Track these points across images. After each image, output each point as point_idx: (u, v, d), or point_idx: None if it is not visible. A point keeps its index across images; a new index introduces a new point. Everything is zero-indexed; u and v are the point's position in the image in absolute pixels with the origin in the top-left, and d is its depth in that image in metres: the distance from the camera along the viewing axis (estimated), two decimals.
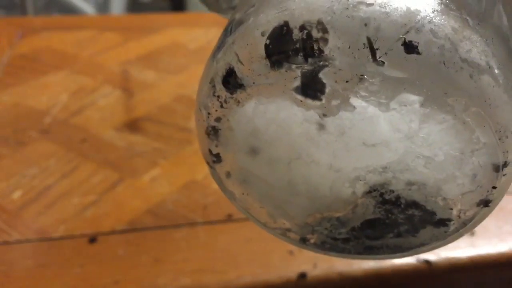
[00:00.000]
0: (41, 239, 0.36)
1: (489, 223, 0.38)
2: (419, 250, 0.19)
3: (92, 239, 0.36)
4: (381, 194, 0.17)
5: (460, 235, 0.18)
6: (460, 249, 0.36)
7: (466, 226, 0.17)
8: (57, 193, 0.40)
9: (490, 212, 0.18)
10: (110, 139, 0.47)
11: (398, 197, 0.17)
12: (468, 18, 0.14)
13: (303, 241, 0.20)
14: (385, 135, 0.16)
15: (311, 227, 0.19)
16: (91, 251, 0.35)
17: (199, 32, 0.69)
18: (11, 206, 0.39)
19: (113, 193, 0.40)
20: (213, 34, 0.68)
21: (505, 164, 0.15)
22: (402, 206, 0.17)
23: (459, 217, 0.17)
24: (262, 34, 0.15)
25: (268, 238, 0.37)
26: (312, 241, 0.20)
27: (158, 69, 0.60)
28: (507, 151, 0.15)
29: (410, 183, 0.17)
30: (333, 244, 0.19)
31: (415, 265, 0.35)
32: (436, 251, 0.35)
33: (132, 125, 0.49)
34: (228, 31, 0.17)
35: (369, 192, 0.17)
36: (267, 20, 0.14)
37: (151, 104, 0.53)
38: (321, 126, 0.16)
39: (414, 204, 0.17)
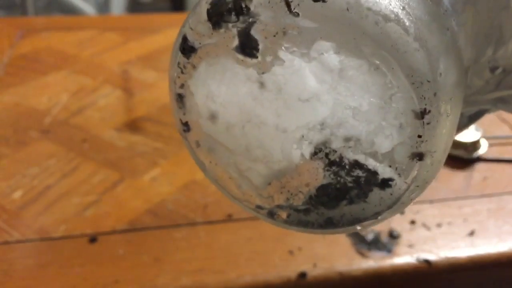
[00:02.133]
0: (42, 238, 0.36)
1: (489, 223, 0.38)
2: (376, 221, 0.20)
3: (93, 239, 0.36)
4: (326, 155, 0.19)
5: (409, 199, 0.19)
6: (459, 249, 0.36)
7: (410, 186, 0.18)
8: (57, 193, 0.40)
9: (432, 168, 0.18)
10: (110, 139, 0.47)
11: (341, 157, 0.19)
12: None
13: (271, 215, 0.21)
14: (314, 87, 0.17)
15: (272, 198, 0.21)
16: (91, 251, 0.35)
17: None
18: (12, 206, 0.39)
19: (113, 193, 0.41)
20: None
21: (425, 111, 0.16)
22: (347, 166, 0.19)
23: (399, 175, 0.18)
24: (206, 2, 0.17)
25: (268, 238, 0.37)
26: (277, 214, 0.21)
27: (158, 69, 0.60)
28: (424, 97, 0.16)
29: (347, 139, 0.18)
30: (297, 217, 0.21)
31: (414, 265, 0.35)
32: (436, 251, 0.35)
33: (132, 125, 0.49)
34: None
35: (315, 153, 0.19)
36: None
37: (151, 104, 0.53)
38: (262, 84, 0.18)
39: (357, 164, 0.18)
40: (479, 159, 0.45)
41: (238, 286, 0.33)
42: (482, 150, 0.45)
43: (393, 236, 0.36)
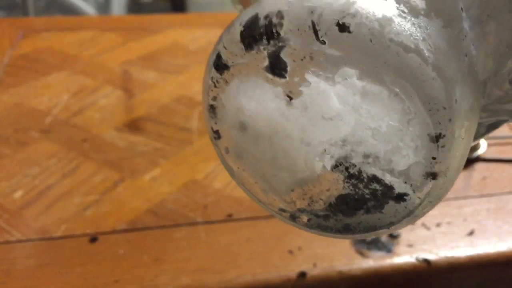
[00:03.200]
0: (42, 238, 0.36)
1: (488, 222, 0.38)
2: (390, 230, 0.21)
3: (93, 239, 0.36)
4: (346, 168, 0.20)
5: (422, 212, 0.20)
6: (459, 249, 0.36)
7: (423, 201, 0.19)
8: (58, 193, 0.40)
9: (445, 187, 0.19)
10: (111, 139, 0.47)
11: (360, 172, 0.20)
12: (405, 10, 0.17)
13: (293, 218, 0.23)
14: (338, 108, 0.18)
15: (295, 203, 0.22)
16: (91, 251, 0.35)
17: (199, 32, 0.70)
18: (13, 205, 0.39)
19: (114, 193, 0.41)
20: (214, 34, 0.68)
21: (440, 136, 0.17)
22: (365, 180, 0.20)
23: (414, 191, 0.19)
24: (240, 24, 0.18)
25: (268, 238, 0.37)
26: (299, 218, 0.23)
27: (159, 70, 0.60)
28: (440, 123, 0.17)
29: (366, 156, 0.19)
30: (317, 221, 0.22)
31: (414, 264, 0.35)
32: (435, 250, 0.35)
33: (133, 125, 0.49)
34: None
35: (336, 166, 0.20)
36: (246, 13, 0.18)
37: (152, 104, 0.53)
38: (288, 102, 0.19)
39: (375, 179, 0.19)
40: (479, 159, 0.45)
41: (238, 285, 0.33)
42: (482, 150, 0.45)
43: (393, 235, 0.37)
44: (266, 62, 0.19)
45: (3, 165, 0.43)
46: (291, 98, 0.19)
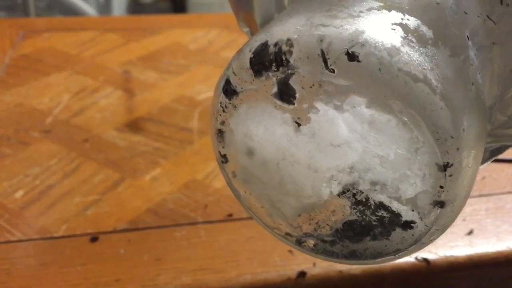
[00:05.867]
0: (43, 238, 0.36)
1: (487, 222, 0.38)
2: (396, 257, 0.21)
3: (94, 238, 0.36)
4: (354, 195, 0.20)
5: (429, 240, 0.20)
6: (458, 248, 0.36)
7: (430, 229, 0.19)
8: (59, 192, 0.40)
9: (452, 215, 0.19)
10: (112, 139, 0.47)
11: (367, 198, 0.20)
12: (413, 40, 0.17)
13: (299, 243, 0.23)
14: (346, 135, 0.18)
15: (301, 228, 0.22)
16: (92, 250, 0.35)
17: (199, 33, 0.70)
18: (14, 205, 0.39)
19: (114, 192, 0.41)
20: (214, 35, 0.68)
21: (448, 165, 0.17)
22: (372, 207, 0.20)
23: (421, 219, 0.19)
24: (249, 50, 0.19)
25: (268, 237, 0.37)
26: (305, 243, 0.22)
27: (159, 70, 0.60)
28: (448, 152, 0.17)
29: (373, 183, 0.19)
30: (323, 246, 0.22)
31: (413, 264, 0.35)
32: (435, 250, 0.36)
33: (133, 125, 0.49)
34: None
35: (343, 192, 0.20)
36: (255, 40, 0.19)
37: (152, 105, 0.53)
38: (297, 128, 0.19)
39: (382, 205, 0.19)
40: None
41: (238, 285, 0.33)
42: None
43: None
44: (275, 89, 0.19)
45: (4, 165, 0.43)
46: (299, 125, 0.19)
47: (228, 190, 0.42)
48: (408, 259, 0.35)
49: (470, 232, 0.37)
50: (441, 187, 0.18)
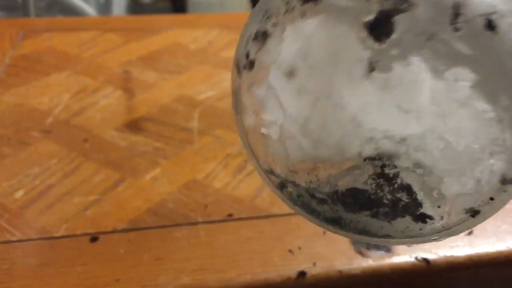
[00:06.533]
0: (43, 238, 0.36)
1: (487, 222, 0.38)
2: (383, 241, 0.19)
3: (94, 238, 0.36)
4: (383, 166, 0.17)
5: (431, 240, 0.18)
6: (458, 248, 0.36)
7: (441, 232, 0.18)
8: (59, 192, 0.40)
9: (471, 226, 0.18)
10: (112, 139, 0.47)
11: (396, 175, 0.17)
12: None
13: (280, 187, 0.20)
14: (423, 104, 0.15)
15: (296, 174, 0.19)
16: (92, 250, 0.35)
17: (199, 33, 0.70)
18: (14, 205, 0.39)
19: (114, 192, 0.41)
20: (214, 35, 0.68)
21: (511, 181, 0.16)
22: (396, 186, 0.17)
23: (442, 218, 0.17)
24: None
25: (268, 238, 0.37)
26: (289, 189, 0.19)
27: (159, 70, 0.60)
28: None
29: (417, 165, 0.17)
30: (307, 202, 0.19)
31: (413, 264, 0.35)
32: (435, 250, 0.36)
33: (133, 125, 0.49)
34: None
35: (373, 159, 0.17)
36: None
37: (152, 105, 0.53)
38: (368, 72, 0.16)
39: (407, 189, 0.17)
40: None
41: (238, 285, 0.33)
42: None
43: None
44: (370, 17, 0.15)
45: (4, 165, 0.43)
46: (373, 69, 0.16)
47: (228, 190, 0.42)
48: (408, 259, 0.35)
49: (470, 232, 0.37)
50: (491, 199, 0.16)
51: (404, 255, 0.35)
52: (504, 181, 0.16)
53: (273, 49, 0.17)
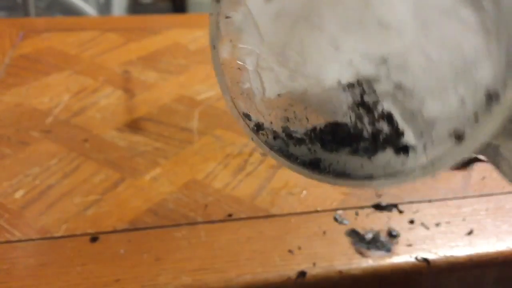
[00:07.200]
0: (43, 238, 0.36)
1: (487, 222, 0.38)
2: (363, 185, 0.17)
3: (94, 238, 0.36)
4: (363, 93, 0.17)
5: (413, 177, 0.16)
6: (458, 248, 0.36)
7: (425, 166, 0.16)
8: (59, 192, 0.40)
9: (456, 157, 0.16)
10: (112, 139, 0.47)
11: (376, 103, 0.16)
12: None
13: (256, 129, 0.19)
14: (404, 17, 0.15)
15: (272, 112, 0.18)
16: (92, 250, 0.35)
17: (199, 33, 0.70)
18: (14, 205, 0.39)
19: (115, 192, 0.41)
20: None
21: (497, 97, 0.14)
22: (376, 115, 0.17)
23: (425, 147, 0.16)
24: None
25: (268, 237, 0.37)
26: (266, 130, 0.18)
27: (159, 70, 0.60)
28: (507, 84, 0.14)
29: (399, 86, 0.16)
30: (284, 143, 0.18)
31: (413, 264, 0.35)
32: (434, 250, 0.36)
33: (133, 125, 0.49)
34: None
35: (353, 86, 0.17)
36: None
37: (152, 105, 0.53)
38: None
39: (388, 118, 0.16)
40: (478, 159, 0.45)
41: (238, 285, 0.33)
42: None
43: (392, 235, 0.37)
44: None
45: (4, 165, 0.43)
46: None
47: (228, 190, 0.42)
48: (408, 259, 0.35)
49: (470, 232, 0.37)
50: (476, 116, 0.15)
51: (404, 255, 0.35)
52: (489, 96, 0.15)
53: None
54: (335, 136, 0.17)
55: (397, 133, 0.16)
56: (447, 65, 0.15)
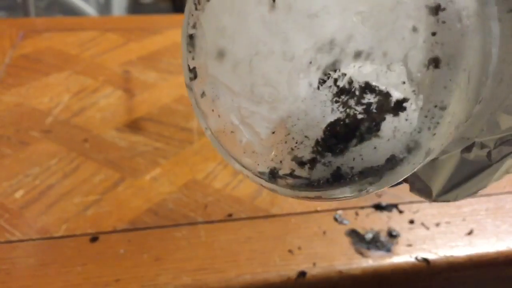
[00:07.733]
0: (43, 238, 0.36)
1: (487, 222, 0.38)
2: (391, 167, 0.17)
3: (94, 238, 0.36)
4: (335, 81, 0.17)
5: (427, 128, 0.17)
6: (458, 248, 0.36)
7: (425, 106, 0.16)
8: (59, 192, 0.40)
9: (449, 75, 0.16)
10: (112, 139, 0.47)
11: (350, 82, 0.17)
12: None
13: (272, 175, 0.20)
14: (325, 1, 0.17)
15: (275, 149, 0.19)
16: (92, 250, 0.35)
17: None
18: (14, 205, 0.39)
19: (115, 192, 0.41)
20: None
21: (439, 8, 0.15)
22: (357, 92, 0.17)
23: (415, 92, 0.16)
24: None
25: (268, 237, 0.37)
26: (281, 172, 0.19)
27: (159, 70, 0.60)
28: None
29: (357, 54, 0.17)
30: (301, 173, 0.19)
31: (413, 264, 0.35)
32: (435, 250, 0.36)
33: (133, 125, 0.49)
34: None
35: (323, 81, 0.18)
36: None
37: (152, 105, 0.53)
38: (272, 4, 0.18)
39: (368, 87, 0.17)
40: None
41: (238, 285, 0.33)
42: None
43: (392, 235, 0.37)
44: None
45: (4, 165, 0.43)
46: (274, 0, 0.18)
47: (228, 190, 0.42)
48: (408, 259, 0.35)
49: (470, 232, 0.37)
50: (433, 33, 0.15)
51: (404, 255, 0.35)
52: (432, 10, 0.15)
53: (201, 48, 0.20)
54: (338, 136, 0.18)
55: (384, 95, 0.17)
56: (380, 9, 0.16)
